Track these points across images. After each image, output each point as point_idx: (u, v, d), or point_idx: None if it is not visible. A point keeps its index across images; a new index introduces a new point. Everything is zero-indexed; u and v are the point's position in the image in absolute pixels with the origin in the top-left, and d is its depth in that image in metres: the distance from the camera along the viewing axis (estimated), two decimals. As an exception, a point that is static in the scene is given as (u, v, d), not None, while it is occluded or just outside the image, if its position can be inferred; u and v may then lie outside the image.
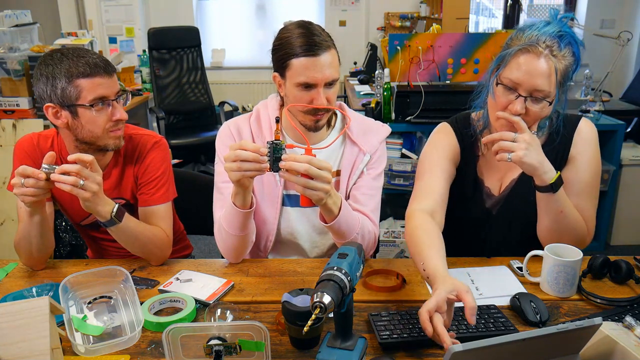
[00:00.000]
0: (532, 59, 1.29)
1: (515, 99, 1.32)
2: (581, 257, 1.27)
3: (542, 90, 1.30)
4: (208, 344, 1.00)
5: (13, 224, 2.97)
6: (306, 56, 1.34)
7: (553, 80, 1.30)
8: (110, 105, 1.38)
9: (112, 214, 1.35)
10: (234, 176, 1.23)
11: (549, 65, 1.29)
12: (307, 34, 1.36)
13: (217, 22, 5.98)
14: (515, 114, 1.31)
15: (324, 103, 1.38)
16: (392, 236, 3.09)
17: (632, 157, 3.29)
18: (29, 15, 3.44)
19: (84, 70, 1.33)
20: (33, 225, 1.37)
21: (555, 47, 1.30)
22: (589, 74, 3.39)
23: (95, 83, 1.34)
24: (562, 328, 0.87)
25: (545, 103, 1.32)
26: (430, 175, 1.47)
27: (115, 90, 1.39)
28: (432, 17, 5.16)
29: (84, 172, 1.25)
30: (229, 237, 1.41)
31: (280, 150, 1.20)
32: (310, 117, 1.42)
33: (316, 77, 1.35)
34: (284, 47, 1.37)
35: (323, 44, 1.36)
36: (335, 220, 1.34)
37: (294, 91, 1.39)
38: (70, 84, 1.33)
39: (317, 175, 1.19)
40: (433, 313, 1.02)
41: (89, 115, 1.36)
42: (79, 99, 1.34)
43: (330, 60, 1.37)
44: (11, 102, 3.02)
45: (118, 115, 1.39)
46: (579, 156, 1.46)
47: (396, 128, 3.00)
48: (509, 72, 1.32)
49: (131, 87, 4.40)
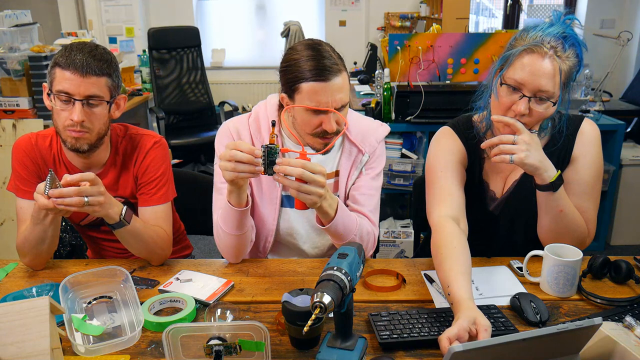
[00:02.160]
0: (536, 60, 1.29)
1: (519, 99, 1.31)
2: (581, 257, 1.27)
3: (546, 91, 1.29)
4: (208, 344, 1.00)
5: (13, 224, 2.97)
6: (316, 81, 1.31)
7: (557, 81, 1.30)
8: (74, 105, 1.36)
9: (122, 216, 1.35)
10: (228, 175, 1.23)
11: (553, 66, 1.29)
12: (317, 57, 1.32)
13: (217, 22, 5.98)
14: (519, 114, 1.31)
15: (334, 127, 1.35)
16: (392, 236, 3.09)
17: (632, 157, 3.29)
18: (29, 15, 3.44)
19: (64, 61, 1.35)
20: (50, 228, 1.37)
21: (559, 48, 1.30)
22: (589, 74, 3.38)
23: (64, 76, 1.34)
24: (562, 328, 0.87)
25: (549, 104, 1.31)
26: (446, 180, 1.45)
27: (85, 93, 1.35)
28: (432, 17, 5.16)
29: (83, 190, 1.25)
30: (227, 237, 1.41)
31: (275, 154, 1.19)
32: (319, 140, 1.39)
33: (327, 103, 1.32)
34: (293, 70, 1.33)
35: (334, 67, 1.32)
36: (332, 223, 1.34)
37: (302, 115, 1.36)
38: (52, 70, 1.37)
39: (311, 180, 1.19)
40: (453, 341, 1.01)
41: (56, 105, 1.38)
42: (51, 85, 1.38)
43: (340, 85, 1.33)
44: (11, 102, 3.03)
45: (73, 116, 1.35)
46: (581, 157, 1.45)
47: (396, 128, 3.00)
48: (513, 73, 1.32)
49: (131, 87, 4.41)
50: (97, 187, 1.27)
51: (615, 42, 3.40)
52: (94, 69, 1.35)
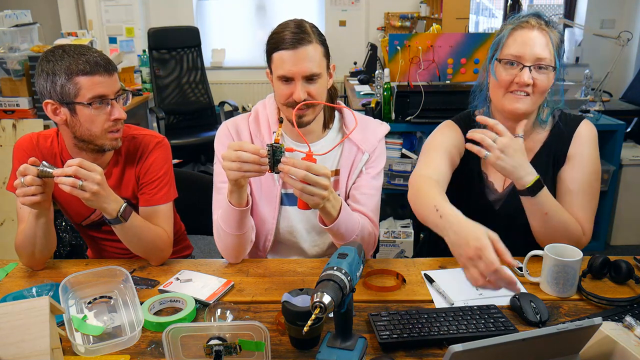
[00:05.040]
0: (527, 32, 1.39)
1: (520, 70, 1.37)
2: (581, 257, 1.27)
3: (544, 58, 1.37)
4: (208, 344, 1.00)
5: (13, 224, 2.97)
6: (284, 49, 1.35)
7: (551, 49, 1.38)
8: (109, 105, 1.38)
9: (119, 213, 1.35)
10: (233, 175, 1.23)
11: (543, 35, 1.38)
12: (293, 30, 1.37)
13: (217, 22, 5.98)
14: (523, 85, 1.37)
15: (302, 97, 1.36)
16: (392, 236, 3.09)
17: (632, 157, 3.29)
18: (29, 15, 3.44)
19: (83, 67, 1.33)
20: (39, 227, 1.37)
21: (543, 23, 1.40)
22: (589, 74, 3.38)
23: (94, 81, 1.34)
24: (562, 328, 0.87)
25: (550, 72, 1.37)
26: (436, 154, 1.49)
27: (114, 90, 1.38)
28: (432, 17, 5.16)
29: (81, 172, 1.25)
30: (227, 237, 1.41)
31: (280, 153, 1.20)
32: (291, 110, 1.39)
33: (292, 70, 1.35)
34: (270, 43, 1.39)
35: (304, 37, 1.35)
36: (334, 223, 1.34)
37: (277, 85, 1.40)
38: (70, 81, 1.33)
39: (314, 182, 1.19)
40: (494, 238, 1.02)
41: (87, 113, 1.36)
42: (77, 96, 1.34)
43: (310, 54, 1.35)
44: (11, 102, 3.02)
45: (117, 114, 1.38)
46: (577, 155, 1.47)
47: (396, 128, 3.00)
48: (508, 49, 1.40)
49: (131, 87, 4.40)
50: (93, 174, 1.27)
51: (615, 42, 3.39)
52: (112, 65, 1.39)
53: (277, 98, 1.44)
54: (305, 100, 1.36)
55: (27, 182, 1.25)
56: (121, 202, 1.36)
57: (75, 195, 1.26)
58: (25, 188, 1.26)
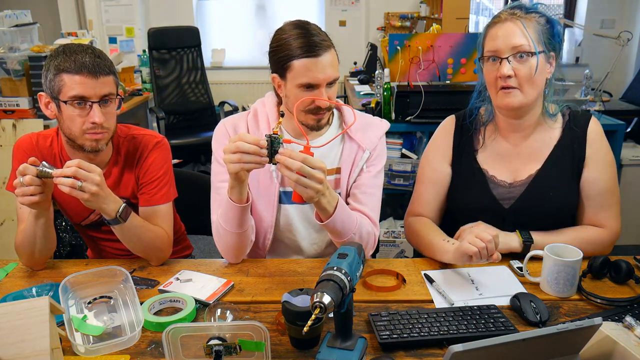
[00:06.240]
0: (499, 27, 1.41)
1: (500, 64, 1.40)
2: (581, 257, 1.27)
3: (519, 45, 1.37)
4: (208, 344, 1.00)
5: (13, 224, 2.97)
6: (307, 57, 1.34)
7: (526, 34, 1.38)
8: (91, 107, 1.36)
9: (118, 214, 1.35)
10: (234, 168, 1.23)
11: (515, 24, 1.39)
12: (305, 34, 1.36)
13: (217, 22, 5.98)
14: (504, 77, 1.38)
15: (326, 103, 1.39)
16: (392, 236, 3.09)
17: (632, 157, 3.29)
18: (29, 15, 3.44)
19: (69, 66, 1.33)
20: (38, 227, 1.37)
21: (518, 12, 1.41)
22: (589, 74, 3.38)
23: (75, 81, 1.33)
24: (562, 328, 0.87)
25: (530, 57, 1.38)
26: (426, 188, 1.61)
27: (99, 93, 1.35)
28: (432, 17, 5.16)
29: (80, 173, 1.25)
30: (228, 235, 1.41)
31: (278, 144, 1.21)
32: (312, 116, 1.43)
33: (318, 78, 1.36)
34: (283, 49, 1.37)
35: (323, 44, 1.36)
36: (330, 220, 1.34)
37: (295, 92, 1.39)
38: (56, 78, 1.35)
39: (309, 174, 1.19)
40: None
41: (68, 111, 1.36)
42: (60, 93, 1.35)
43: (330, 60, 1.37)
44: (11, 102, 3.02)
45: (96, 118, 1.35)
46: (595, 154, 1.49)
47: (396, 128, 3.00)
48: (486, 47, 1.44)
49: (131, 87, 4.40)
50: (93, 175, 1.27)
51: (615, 42, 3.39)
52: (103, 68, 1.36)
53: (296, 105, 1.39)
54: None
55: (26, 182, 1.25)
56: (120, 203, 1.36)
57: (74, 196, 1.26)
58: (25, 188, 1.25)
